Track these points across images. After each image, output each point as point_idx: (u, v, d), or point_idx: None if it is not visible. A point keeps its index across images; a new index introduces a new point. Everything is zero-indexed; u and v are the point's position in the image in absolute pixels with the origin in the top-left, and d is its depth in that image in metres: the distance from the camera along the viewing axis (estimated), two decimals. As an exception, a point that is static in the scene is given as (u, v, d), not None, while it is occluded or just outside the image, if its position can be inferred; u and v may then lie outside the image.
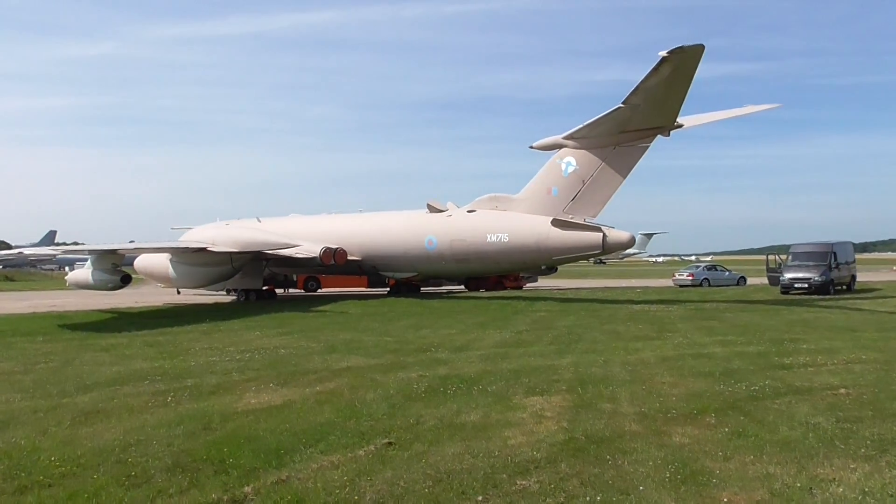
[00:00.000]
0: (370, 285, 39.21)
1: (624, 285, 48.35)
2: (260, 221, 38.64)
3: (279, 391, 10.65)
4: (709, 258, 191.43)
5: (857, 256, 43.36)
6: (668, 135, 28.70)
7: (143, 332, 19.58)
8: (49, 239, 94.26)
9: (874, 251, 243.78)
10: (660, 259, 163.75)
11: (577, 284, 49.69)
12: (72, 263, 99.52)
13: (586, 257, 31.94)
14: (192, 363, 13.63)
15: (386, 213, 37.14)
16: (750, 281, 48.17)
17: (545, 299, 31.87)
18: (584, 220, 29.75)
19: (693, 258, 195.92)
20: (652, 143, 29.12)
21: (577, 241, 29.73)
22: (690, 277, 45.28)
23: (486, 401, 9.67)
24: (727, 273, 47.76)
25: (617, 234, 29.79)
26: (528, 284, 44.60)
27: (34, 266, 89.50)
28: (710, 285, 44.45)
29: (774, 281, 38.73)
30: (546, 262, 32.20)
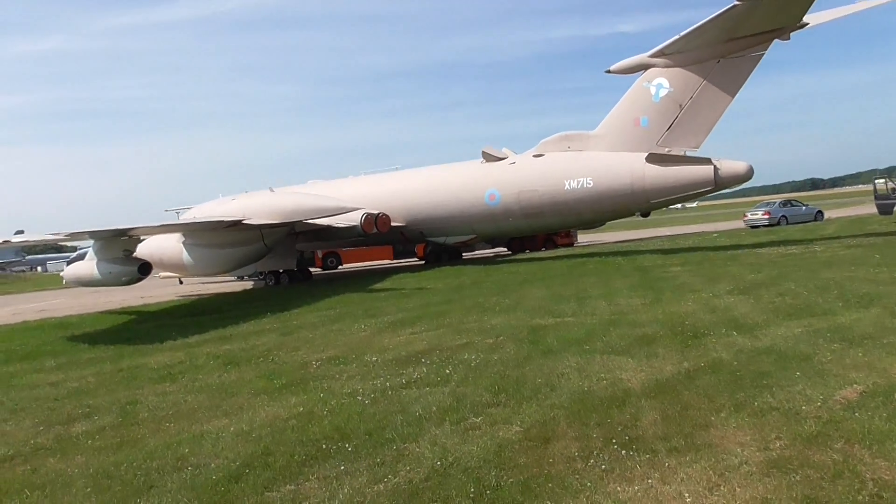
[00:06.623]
0: (396, 256, 33.84)
1: (665, 233, 42.83)
2: (273, 191, 32.48)
3: (658, 470, 5.03)
4: (695, 203, 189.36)
5: (828, 192, 39.17)
6: (788, 38, 23.46)
7: (194, 340, 13.67)
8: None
9: (844, 185, 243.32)
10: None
11: (610, 238, 43.77)
12: (43, 263, 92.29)
13: (693, 197, 26.67)
14: (352, 395, 7.78)
15: (432, 167, 31.24)
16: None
17: (636, 253, 26.51)
18: (685, 153, 24.63)
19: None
20: (766, 52, 23.89)
21: (683, 178, 24.58)
22: (767, 216, 39.92)
23: None
24: (804, 208, 42.82)
25: (731, 166, 24.58)
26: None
27: (2, 269, 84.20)
28: (787, 223, 39.42)
29: (886, 209, 34.15)
30: (641, 206, 26.62)
